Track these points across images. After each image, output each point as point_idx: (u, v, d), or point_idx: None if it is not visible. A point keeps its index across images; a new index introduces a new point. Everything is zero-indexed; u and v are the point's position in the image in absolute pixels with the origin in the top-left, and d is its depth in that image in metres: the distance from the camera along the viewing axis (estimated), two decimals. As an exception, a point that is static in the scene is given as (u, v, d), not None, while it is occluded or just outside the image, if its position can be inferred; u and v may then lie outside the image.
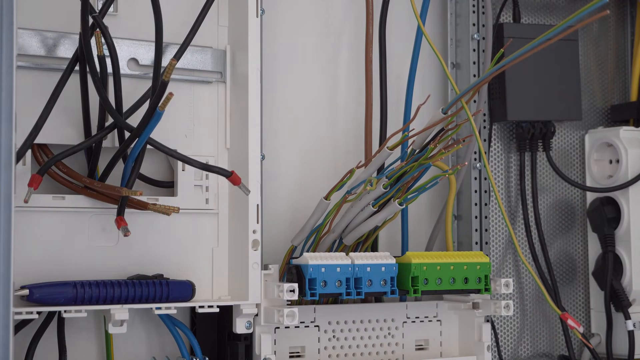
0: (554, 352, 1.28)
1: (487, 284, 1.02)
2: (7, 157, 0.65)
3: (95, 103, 0.90)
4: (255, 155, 0.96)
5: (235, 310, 0.95)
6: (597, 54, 1.35)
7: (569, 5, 1.33)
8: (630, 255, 1.24)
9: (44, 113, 0.86)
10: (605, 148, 1.29)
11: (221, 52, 1.00)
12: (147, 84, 0.92)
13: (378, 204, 0.97)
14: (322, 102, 1.10)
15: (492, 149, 1.25)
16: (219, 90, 1.00)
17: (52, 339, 0.91)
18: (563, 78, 1.24)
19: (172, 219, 0.94)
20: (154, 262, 0.95)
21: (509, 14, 1.26)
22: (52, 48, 0.91)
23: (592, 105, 1.34)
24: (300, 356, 1.01)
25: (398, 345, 1.06)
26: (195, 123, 0.99)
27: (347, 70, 1.12)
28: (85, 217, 0.92)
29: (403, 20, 1.14)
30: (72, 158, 0.90)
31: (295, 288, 0.92)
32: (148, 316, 0.95)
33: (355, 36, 1.11)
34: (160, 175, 0.99)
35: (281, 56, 1.07)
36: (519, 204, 1.27)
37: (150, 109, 0.85)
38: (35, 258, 0.89)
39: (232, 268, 0.98)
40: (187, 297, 0.92)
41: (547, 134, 1.25)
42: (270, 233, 1.02)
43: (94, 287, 0.87)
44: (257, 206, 0.95)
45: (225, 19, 1.01)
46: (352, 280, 0.95)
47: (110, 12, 0.92)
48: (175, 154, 0.90)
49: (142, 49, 0.95)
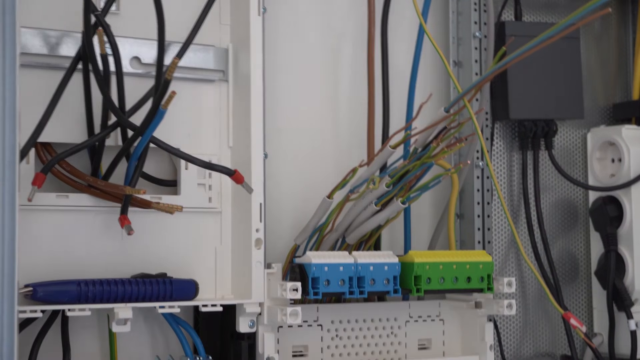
0: (557, 352, 1.28)
1: (489, 283, 1.01)
2: (10, 156, 0.65)
3: (98, 102, 0.90)
4: (258, 154, 0.96)
5: (238, 309, 0.95)
6: (599, 52, 1.35)
7: (570, 4, 1.32)
8: (632, 255, 1.24)
9: (47, 112, 0.86)
10: (607, 147, 1.28)
11: (223, 51, 1.00)
12: (149, 82, 0.92)
13: (381, 203, 0.97)
14: (324, 101, 1.10)
15: (495, 148, 1.25)
16: (221, 89, 1.00)
17: (56, 338, 0.91)
18: (565, 76, 1.24)
19: (175, 217, 0.94)
20: (157, 260, 0.95)
21: (511, 12, 1.26)
22: (54, 47, 0.91)
23: (595, 103, 1.34)
24: (303, 355, 1.01)
25: (401, 345, 1.06)
26: (198, 122, 0.99)
27: (349, 68, 1.12)
28: (88, 216, 0.92)
29: (405, 18, 1.14)
30: (75, 157, 0.90)
31: (298, 287, 0.92)
32: (152, 315, 0.95)
33: (358, 34, 1.11)
34: (163, 174, 0.99)
35: (283, 54, 1.08)
36: (521, 203, 1.27)
37: (153, 108, 0.85)
38: (39, 257, 0.89)
39: (235, 267, 0.98)
40: (190, 296, 0.92)
41: (549, 133, 1.24)
42: (273, 232, 1.02)
43: (98, 285, 0.87)
44: (260, 205, 0.95)
45: (227, 18, 1.01)
46: (355, 279, 0.95)
47: (113, 10, 0.92)
48: (178, 153, 0.90)
49: (144, 47, 0.95)
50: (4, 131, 0.66)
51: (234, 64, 0.99)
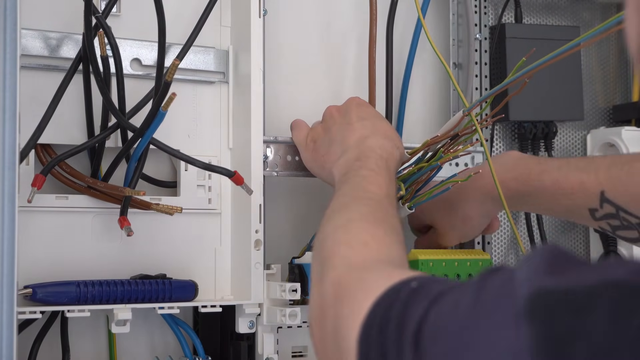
0: (556, 352, 1.28)
1: (489, 281, 1.01)
2: (10, 157, 0.66)
3: (99, 103, 0.91)
4: (258, 155, 0.96)
5: (237, 310, 0.95)
6: (599, 54, 1.35)
7: (571, 6, 1.33)
8: (632, 255, 1.24)
9: (47, 113, 0.87)
10: (607, 148, 1.28)
11: (224, 53, 1.00)
12: (150, 84, 0.92)
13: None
14: (325, 103, 1.10)
15: (494, 149, 1.25)
16: (221, 91, 1.00)
17: (56, 339, 0.91)
18: (565, 78, 1.24)
19: (175, 219, 0.94)
20: (156, 261, 0.95)
21: (511, 15, 1.26)
22: (55, 49, 0.91)
23: (594, 105, 1.34)
24: (303, 356, 1.01)
25: (400, 345, 1.06)
26: (198, 123, 0.99)
27: (350, 70, 1.12)
28: (88, 217, 0.92)
29: (406, 20, 1.13)
30: (75, 158, 0.90)
31: (297, 288, 0.92)
32: (151, 316, 0.95)
33: (359, 36, 1.11)
34: (163, 175, 0.99)
35: (284, 56, 1.07)
36: (521, 204, 1.27)
37: (153, 109, 0.85)
38: (38, 258, 0.89)
39: (235, 268, 0.98)
40: (190, 296, 0.93)
41: (549, 134, 1.25)
42: (272, 233, 1.02)
43: (97, 286, 0.87)
44: (260, 206, 0.95)
45: (227, 20, 1.01)
46: (355, 280, 0.95)
47: (114, 12, 0.92)
48: (178, 154, 0.91)
49: (145, 49, 0.95)
50: (4, 132, 0.66)
51: (234, 65, 1.00)
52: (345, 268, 0.67)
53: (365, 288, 0.61)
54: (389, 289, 0.58)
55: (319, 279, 0.69)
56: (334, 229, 0.74)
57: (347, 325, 0.60)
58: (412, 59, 1.10)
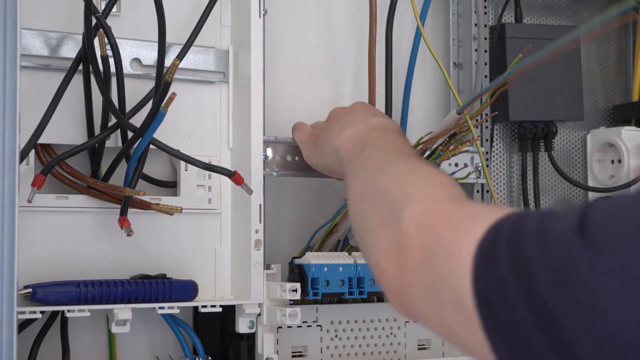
0: (556, 352, 1.28)
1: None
2: (10, 157, 0.66)
3: (99, 103, 0.91)
4: (258, 155, 0.96)
5: (237, 310, 0.95)
6: (599, 53, 1.35)
7: (571, 6, 1.33)
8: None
9: (47, 113, 0.87)
10: (607, 148, 1.28)
11: (224, 53, 1.00)
12: (150, 84, 0.92)
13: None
14: (325, 103, 1.10)
15: (494, 149, 1.25)
16: (221, 91, 1.00)
17: (56, 339, 0.91)
18: (565, 78, 1.24)
19: (175, 218, 0.94)
20: (156, 261, 0.95)
21: (511, 14, 1.26)
22: (55, 48, 0.91)
23: (594, 105, 1.34)
24: (303, 356, 1.01)
25: (400, 345, 1.07)
26: (198, 123, 0.99)
27: (350, 70, 1.12)
28: (88, 217, 0.92)
29: (407, 19, 1.13)
30: (75, 158, 0.90)
31: (297, 288, 0.92)
32: (151, 316, 0.95)
33: (359, 36, 1.11)
34: (163, 175, 0.99)
35: (284, 56, 1.08)
36: (521, 204, 1.27)
37: (153, 109, 0.85)
38: (38, 258, 0.89)
39: (235, 268, 0.98)
40: (190, 296, 0.93)
41: (549, 134, 1.25)
42: (272, 233, 1.02)
43: (97, 286, 0.87)
44: (260, 206, 0.95)
45: (228, 20, 1.01)
46: (355, 280, 0.96)
47: (114, 12, 0.92)
48: (178, 154, 0.91)
49: (145, 49, 0.95)
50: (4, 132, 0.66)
51: (234, 65, 1.00)
52: (432, 201, 0.64)
53: (471, 213, 0.59)
54: (507, 215, 0.55)
55: (390, 219, 0.65)
56: (401, 174, 0.71)
57: (453, 246, 0.57)
58: (414, 59, 1.10)
